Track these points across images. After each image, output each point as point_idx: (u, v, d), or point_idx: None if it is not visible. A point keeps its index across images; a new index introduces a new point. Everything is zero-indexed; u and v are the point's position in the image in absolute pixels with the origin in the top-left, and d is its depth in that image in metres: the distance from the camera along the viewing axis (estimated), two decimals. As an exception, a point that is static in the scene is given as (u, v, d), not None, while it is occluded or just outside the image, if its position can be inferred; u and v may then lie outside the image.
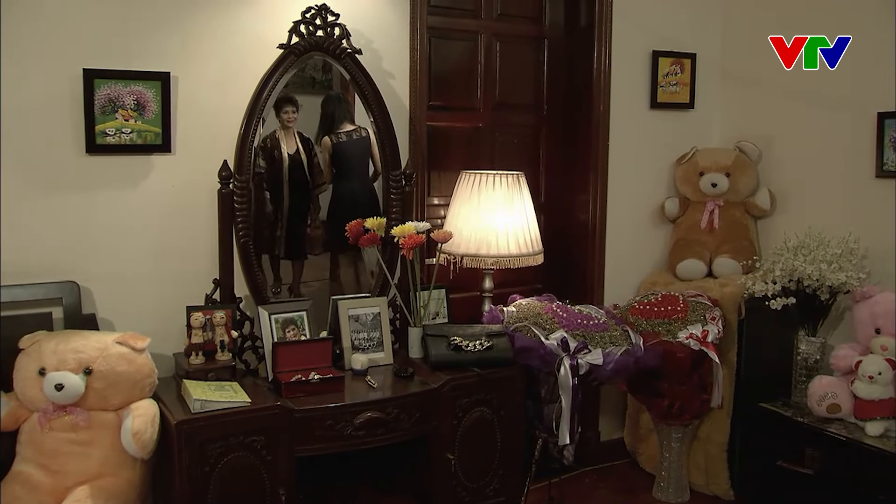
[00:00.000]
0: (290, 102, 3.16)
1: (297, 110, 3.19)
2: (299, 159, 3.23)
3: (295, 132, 3.22)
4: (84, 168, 2.84)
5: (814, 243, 3.37)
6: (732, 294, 3.54)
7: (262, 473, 2.64)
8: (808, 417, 3.26)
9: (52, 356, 2.54)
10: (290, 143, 3.21)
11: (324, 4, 3.07)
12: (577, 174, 3.95)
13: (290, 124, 3.18)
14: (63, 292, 2.79)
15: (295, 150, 3.22)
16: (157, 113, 2.90)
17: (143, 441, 2.54)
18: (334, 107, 3.34)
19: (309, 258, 3.35)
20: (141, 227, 2.95)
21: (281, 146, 3.18)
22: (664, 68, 3.96)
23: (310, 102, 3.27)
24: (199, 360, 2.83)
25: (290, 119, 3.17)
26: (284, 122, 3.16)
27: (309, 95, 3.28)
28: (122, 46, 2.85)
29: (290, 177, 3.22)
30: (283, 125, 3.17)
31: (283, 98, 3.11)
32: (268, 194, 3.20)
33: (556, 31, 3.98)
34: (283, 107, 3.13)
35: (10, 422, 2.56)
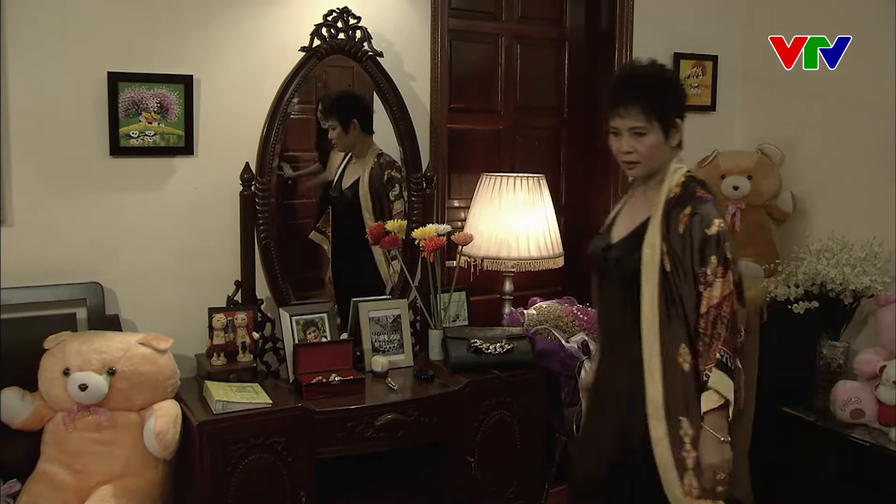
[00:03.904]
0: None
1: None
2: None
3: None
4: (108, 170, 2.86)
5: (837, 247, 3.34)
6: (754, 298, 3.50)
7: (282, 475, 2.65)
8: (832, 423, 3.23)
9: (77, 356, 2.57)
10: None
11: (345, 7, 3.07)
12: (598, 176, 3.94)
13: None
14: (87, 293, 2.81)
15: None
16: (180, 115, 2.92)
17: (166, 441, 2.56)
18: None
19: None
20: (163, 229, 2.97)
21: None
22: (686, 70, 3.94)
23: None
24: (221, 362, 2.85)
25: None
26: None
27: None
28: (146, 50, 2.87)
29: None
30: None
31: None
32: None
33: (577, 34, 3.97)
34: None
35: (34, 421, 2.58)
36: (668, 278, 2.18)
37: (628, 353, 2.23)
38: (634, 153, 2.24)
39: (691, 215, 2.18)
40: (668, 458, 2.17)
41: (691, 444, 2.17)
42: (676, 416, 2.17)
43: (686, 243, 2.17)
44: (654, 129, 2.22)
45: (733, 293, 2.16)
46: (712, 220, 2.17)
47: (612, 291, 2.34)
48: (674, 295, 2.18)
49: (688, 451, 2.17)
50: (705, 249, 2.15)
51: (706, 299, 2.15)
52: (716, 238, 2.15)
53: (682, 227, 2.19)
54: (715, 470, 2.16)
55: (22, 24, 2.69)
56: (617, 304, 2.31)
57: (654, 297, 2.18)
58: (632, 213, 2.35)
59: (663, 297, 2.18)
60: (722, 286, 2.14)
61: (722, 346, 2.13)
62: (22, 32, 2.69)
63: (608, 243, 2.34)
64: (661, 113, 2.22)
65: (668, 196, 2.23)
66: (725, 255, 2.15)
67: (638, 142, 2.23)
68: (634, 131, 2.23)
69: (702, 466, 2.16)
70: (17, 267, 2.73)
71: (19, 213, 2.75)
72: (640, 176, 2.31)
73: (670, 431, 2.17)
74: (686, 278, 2.17)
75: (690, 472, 2.17)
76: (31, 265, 2.76)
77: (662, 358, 2.17)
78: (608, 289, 2.35)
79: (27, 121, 2.73)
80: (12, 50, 2.68)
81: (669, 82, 2.33)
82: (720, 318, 2.13)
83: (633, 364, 2.21)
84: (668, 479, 2.17)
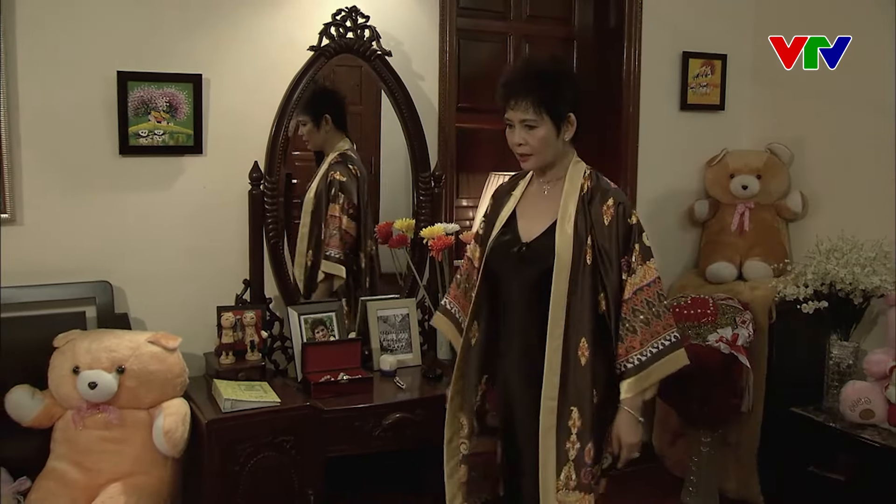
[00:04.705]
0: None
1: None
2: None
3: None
4: (117, 169, 2.87)
5: (847, 246, 3.32)
6: (763, 297, 3.50)
7: (291, 473, 2.66)
8: (841, 423, 3.20)
9: (86, 355, 2.58)
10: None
11: (354, 6, 3.08)
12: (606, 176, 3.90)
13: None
14: (96, 292, 2.83)
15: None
16: (189, 115, 2.93)
17: (175, 440, 2.57)
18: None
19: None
20: (172, 228, 2.98)
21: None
22: (694, 69, 3.93)
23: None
24: (230, 360, 2.86)
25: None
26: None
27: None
28: (156, 49, 2.88)
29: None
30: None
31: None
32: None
33: (586, 33, 3.96)
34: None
35: (44, 419, 2.60)
36: (583, 272, 2.24)
37: (529, 348, 2.29)
38: (526, 145, 2.30)
39: (616, 206, 2.28)
40: (552, 447, 2.23)
41: (577, 436, 2.24)
42: (568, 407, 2.24)
43: (612, 234, 2.26)
44: (545, 123, 2.28)
45: (659, 280, 2.29)
46: (631, 211, 2.31)
47: (522, 290, 2.33)
48: (579, 289, 2.23)
49: (572, 443, 2.24)
50: (629, 238, 2.27)
51: (630, 286, 2.26)
52: (637, 227, 2.29)
53: (608, 219, 2.27)
54: (630, 448, 2.30)
55: (32, 24, 2.70)
56: (524, 302, 2.32)
57: (563, 292, 2.23)
58: (538, 211, 2.37)
59: (571, 292, 2.24)
60: (643, 273, 2.26)
61: (650, 334, 2.25)
62: (32, 32, 2.70)
63: (524, 243, 2.33)
64: (551, 107, 2.27)
65: (580, 192, 2.29)
66: (645, 244, 2.28)
67: (529, 134, 2.29)
68: (525, 124, 2.28)
69: (621, 444, 2.29)
70: (28, 265, 2.75)
71: (29, 212, 2.76)
72: (534, 168, 2.37)
73: (559, 422, 2.23)
74: (612, 268, 2.25)
75: (570, 464, 2.23)
76: (42, 264, 2.77)
77: (563, 352, 2.24)
78: (518, 287, 2.33)
79: (37, 120, 2.74)
80: (22, 50, 2.70)
81: (563, 77, 2.35)
82: (645, 303, 2.24)
83: (533, 358, 2.27)
84: (545, 470, 2.23)
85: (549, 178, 2.38)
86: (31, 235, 2.77)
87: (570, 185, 2.33)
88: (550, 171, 2.37)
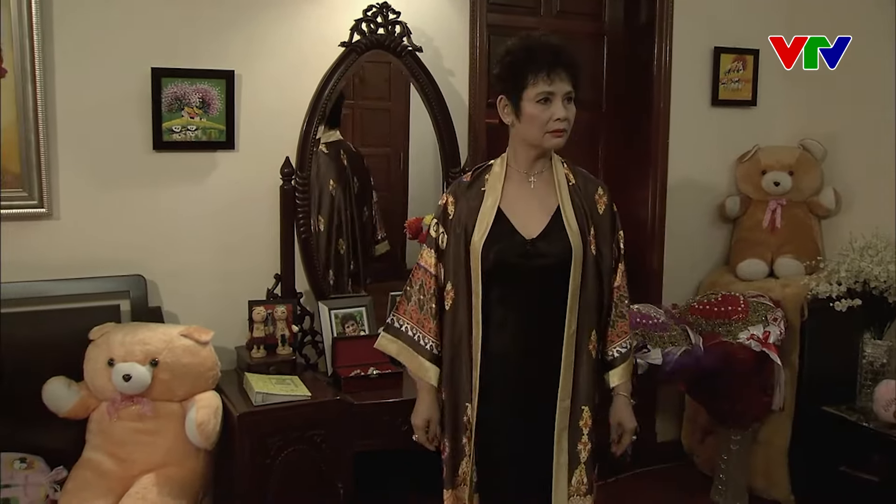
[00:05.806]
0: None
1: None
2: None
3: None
4: (151, 165, 2.91)
5: (881, 244, 3.28)
6: (795, 295, 3.47)
7: (320, 467, 2.68)
8: (874, 422, 3.17)
9: (121, 347, 2.61)
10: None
11: (385, 3, 3.09)
12: (637, 172, 3.91)
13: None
14: (130, 285, 2.86)
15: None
16: (222, 111, 2.95)
17: (207, 432, 2.60)
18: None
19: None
20: (205, 223, 3.01)
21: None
22: (726, 65, 3.89)
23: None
24: (261, 354, 2.88)
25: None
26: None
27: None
28: (189, 46, 2.91)
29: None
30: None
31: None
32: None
33: (616, 28, 3.94)
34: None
35: (80, 410, 2.64)
36: (590, 264, 2.20)
37: (533, 350, 2.18)
38: (566, 120, 2.11)
39: (606, 194, 2.28)
40: (565, 450, 2.18)
41: (587, 437, 2.20)
42: (579, 406, 2.20)
43: (605, 222, 2.25)
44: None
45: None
46: (611, 198, 2.30)
47: (531, 289, 2.17)
48: (588, 280, 2.20)
49: (583, 444, 2.20)
50: (615, 225, 2.29)
51: (620, 273, 2.30)
52: (617, 214, 2.31)
53: (602, 208, 2.26)
54: (632, 432, 2.28)
55: (69, 21, 2.74)
56: (534, 301, 2.17)
57: (578, 286, 2.19)
58: (529, 206, 2.20)
59: (583, 285, 2.19)
60: (623, 259, 2.30)
61: (630, 317, 2.33)
62: (68, 29, 2.74)
63: (529, 240, 2.16)
64: (578, 85, 2.15)
65: (568, 183, 2.25)
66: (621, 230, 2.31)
67: (568, 109, 2.12)
68: (567, 96, 2.11)
69: (624, 429, 2.27)
70: (64, 259, 2.79)
71: (66, 206, 2.81)
72: (560, 147, 2.18)
73: (571, 423, 2.19)
74: (608, 255, 2.25)
75: (581, 467, 2.19)
76: (77, 258, 2.82)
77: (577, 347, 2.20)
78: (526, 286, 2.17)
79: (73, 116, 2.78)
80: (59, 46, 2.74)
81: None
82: (626, 287, 2.31)
83: (548, 355, 2.17)
84: (558, 475, 2.18)
85: (537, 169, 2.21)
86: (66, 230, 2.81)
87: (558, 176, 2.22)
88: (539, 161, 2.21)
